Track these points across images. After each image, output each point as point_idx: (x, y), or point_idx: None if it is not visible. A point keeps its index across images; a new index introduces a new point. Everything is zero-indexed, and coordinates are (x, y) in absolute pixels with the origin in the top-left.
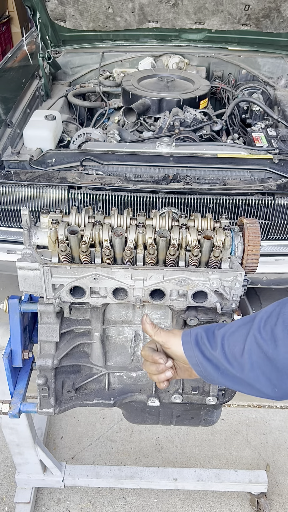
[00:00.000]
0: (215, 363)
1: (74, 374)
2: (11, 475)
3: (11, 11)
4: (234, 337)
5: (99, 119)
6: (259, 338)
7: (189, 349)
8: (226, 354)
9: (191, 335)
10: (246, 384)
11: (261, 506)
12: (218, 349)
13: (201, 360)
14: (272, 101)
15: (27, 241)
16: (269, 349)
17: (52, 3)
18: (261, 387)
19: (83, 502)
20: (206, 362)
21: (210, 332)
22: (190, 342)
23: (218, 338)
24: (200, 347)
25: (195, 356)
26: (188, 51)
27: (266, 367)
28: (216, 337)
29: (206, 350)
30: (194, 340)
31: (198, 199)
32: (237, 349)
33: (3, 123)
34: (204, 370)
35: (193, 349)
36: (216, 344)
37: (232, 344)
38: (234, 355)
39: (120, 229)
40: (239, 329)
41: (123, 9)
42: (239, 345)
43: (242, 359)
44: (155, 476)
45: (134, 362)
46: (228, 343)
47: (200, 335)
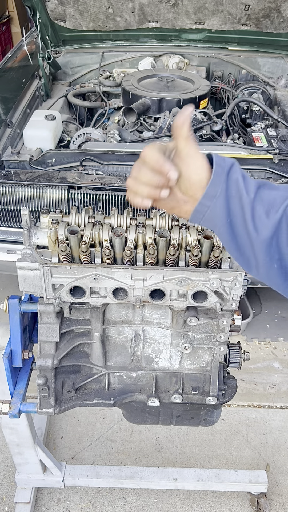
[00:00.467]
0: (232, 208)
1: (74, 374)
2: (11, 475)
3: (11, 11)
4: (271, 195)
5: (99, 119)
6: None
7: (220, 174)
8: (255, 208)
9: (226, 162)
10: (249, 248)
11: (261, 506)
12: (252, 195)
13: (223, 194)
14: (272, 101)
15: (27, 241)
16: None
17: (52, 3)
18: (264, 257)
19: (83, 502)
20: (224, 200)
21: (247, 175)
22: (222, 173)
23: (252, 187)
24: (230, 183)
25: (219, 189)
26: (188, 51)
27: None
28: (251, 184)
29: (235, 187)
30: (227, 169)
31: None
32: (265, 209)
33: (3, 123)
34: (211, 210)
35: (221, 181)
36: (250, 189)
37: (266, 199)
38: (260, 214)
39: (120, 229)
40: (278, 189)
41: (123, 9)
42: (273, 206)
43: (269, 222)
44: (155, 476)
45: (134, 362)
46: (261, 197)
47: (236, 169)
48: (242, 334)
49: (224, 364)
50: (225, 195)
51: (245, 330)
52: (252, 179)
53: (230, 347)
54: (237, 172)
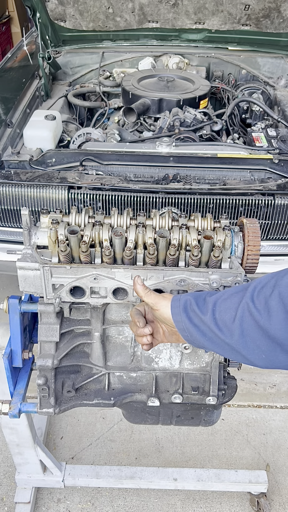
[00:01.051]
0: (202, 330)
1: (74, 374)
2: (11, 475)
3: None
4: (226, 304)
5: (99, 119)
6: (252, 307)
7: (177, 314)
8: (217, 320)
9: (181, 300)
10: (233, 350)
11: (261, 506)
12: (209, 315)
13: (188, 325)
14: (272, 101)
15: (27, 241)
16: (262, 318)
17: (52, 3)
18: (248, 353)
19: (83, 502)
20: (193, 328)
21: (201, 298)
22: (178, 307)
23: (209, 304)
24: (188, 313)
25: (182, 321)
26: (188, 51)
27: (257, 335)
28: (207, 303)
29: (195, 316)
30: (183, 306)
31: (198, 199)
32: (228, 316)
33: (3, 123)
34: (191, 336)
35: (180, 314)
36: (206, 310)
37: (223, 310)
38: (224, 322)
39: (120, 229)
40: (231, 297)
41: (123, 9)
42: (231, 312)
43: (232, 326)
44: (155, 476)
45: (134, 362)
46: (220, 309)
47: (190, 301)
48: None
49: (224, 364)
50: (189, 323)
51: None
52: (204, 299)
53: None
54: (191, 304)
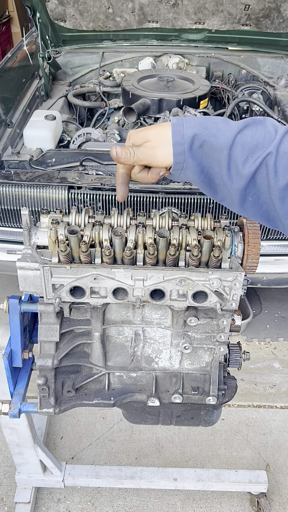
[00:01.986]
0: (203, 166)
1: (74, 374)
2: (11, 475)
3: (11, 11)
4: (247, 143)
5: (99, 119)
6: (272, 162)
7: (180, 154)
8: (231, 158)
9: (186, 135)
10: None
11: (261, 506)
12: (225, 151)
13: (190, 165)
14: (272, 101)
15: (27, 241)
16: (276, 178)
17: (52, 3)
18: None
19: (83, 502)
20: (195, 167)
21: (215, 127)
22: (183, 144)
23: (228, 138)
24: (194, 151)
25: (185, 161)
26: (188, 51)
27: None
28: (226, 136)
29: (202, 152)
30: (189, 143)
31: (198, 199)
32: (243, 158)
33: (3, 123)
34: (184, 174)
35: (185, 153)
36: (224, 142)
37: (241, 149)
38: (237, 163)
39: (120, 229)
40: (256, 137)
41: (123, 9)
42: (251, 155)
43: (245, 171)
44: (155, 476)
45: (134, 362)
46: (238, 147)
47: (198, 136)
48: (242, 334)
49: (224, 364)
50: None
51: (245, 330)
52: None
53: (230, 347)
54: (200, 138)
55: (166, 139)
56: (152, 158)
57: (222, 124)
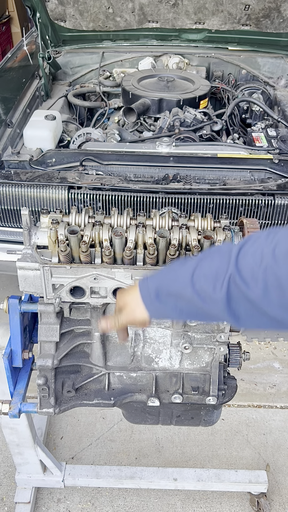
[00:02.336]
0: (179, 307)
1: (74, 374)
2: (11, 475)
3: (11, 11)
4: (207, 274)
5: (99, 119)
6: (238, 279)
7: (150, 304)
8: (198, 292)
9: (150, 289)
10: (215, 317)
11: (261, 506)
12: (188, 289)
13: (164, 310)
14: (272, 101)
15: (27, 241)
16: (249, 290)
17: (52, 3)
18: (234, 320)
19: (83, 502)
20: (170, 310)
21: (173, 274)
22: (149, 296)
23: (186, 278)
24: (162, 299)
25: (157, 309)
26: (188, 51)
27: (244, 306)
28: (184, 277)
29: (170, 298)
30: (154, 294)
31: (198, 199)
32: (211, 287)
33: (3, 123)
34: (165, 316)
35: (153, 303)
36: (184, 284)
37: (204, 281)
38: (207, 293)
39: (120, 229)
40: (213, 265)
41: (123, 9)
42: (216, 281)
43: (218, 295)
44: (155, 476)
45: (134, 362)
46: (199, 280)
47: (161, 286)
48: (242, 334)
49: (224, 364)
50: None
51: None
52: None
53: (230, 347)
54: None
55: (139, 299)
56: (132, 319)
57: (179, 269)
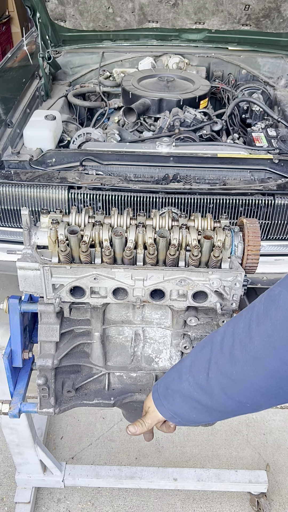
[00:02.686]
0: (187, 403)
1: (74, 374)
2: (11, 475)
3: (11, 11)
4: (196, 366)
5: (99, 119)
6: (221, 363)
7: (160, 406)
8: (193, 386)
9: (159, 390)
10: (219, 412)
11: (261, 506)
12: (184, 384)
13: (174, 409)
14: (272, 101)
15: (27, 241)
16: (233, 371)
17: (52, 3)
18: (233, 409)
19: (83, 502)
20: (180, 410)
21: (174, 372)
22: (159, 398)
23: (183, 375)
24: (169, 399)
25: (168, 410)
26: (188, 51)
27: (232, 389)
28: (181, 371)
29: (175, 395)
30: (163, 395)
31: (198, 199)
32: (201, 378)
33: (3, 123)
34: (181, 418)
35: (164, 404)
36: (180, 380)
37: (196, 373)
38: (200, 385)
39: (120, 229)
40: (199, 356)
41: (123, 9)
42: (202, 373)
43: (208, 387)
44: (155, 476)
45: (134, 362)
46: (192, 374)
47: (166, 386)
48: None
49: None
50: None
51: None
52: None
53: None
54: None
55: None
56: (156, 420)
57: (177, 365)
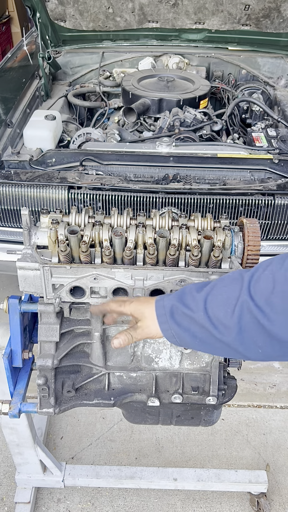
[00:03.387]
0: (192, 332)
1: (74, 374)
2: (11, 475)
3: (11, 11)
4: (218, 299)
5: (99, 119)
6: (252, 305)
7: (164, 322)
8: (210, 318)
9: (165, 306)
10: (228, 348)
11: (261, 506)
12: (201, 313)
13: (178, 331)
14: (272, 101)
15: (27, 241)
16: (264, 316)
17: (52, 3)
18: (245, 350)
19: (83, 502)
20: (184, 333)
21: (189, 296)
22: (164, 314)
23: (199, 302)
24: (176, 318)
25: (171, 328)
26: (188, 51)
27: (256, 332)
28: (197, 300)
29: (184, 319)
30: (169, 312)
31: (198, 199)
32: (223, 313)
33: (3, 123)
34: (180, 340)
35: (168, 321)
36: (197, 308)
37: (216, 306)
38: (219, 319)
39: (120, 229)
40: (224, 290)
41: (123, 9)
42: (226, 308)
43: (230, 323)
44: (155, 476)
45: (134, 362)
46: (212, 305)
47: (176, 306)
48: None
49: (224, 364)
50: (179, 329)
51: None
52: (193, 296)
53: None
54: (177, 308)
55: (154, 316)
56: (147, 335)
57: (195, 293)
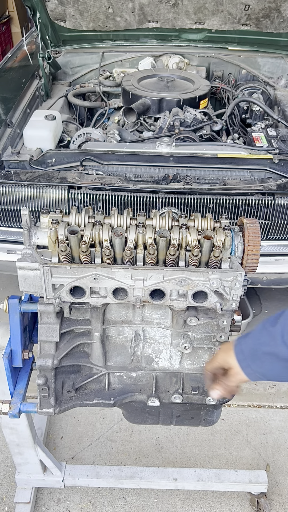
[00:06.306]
0: (277, 369)
1: (74, 374)
2: (11, 475)
3: (11, 11)
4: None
5: (99, 119)
6: None
7: (246, 367)
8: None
9: (244, 351)
10: None
11: (261, 506)
12: (281, 347)
13: (262, 371)
14: (272, 101)
15: (27, 241)
16: None
17: (52, 3)
18: None
19: (83, 502)
20: (269, 372)
21: (265, 332)
22: (245, 359)
23: (277, 336)
24: (257, 362)
25: (254, 372)
26: (188, 51)
27: None
28: (275, 335)
29: (266, 359)
30: (249, 358)
31: (198, 199)
32: None
33: (3, 123)
34: (267, 378)
35: (250, 366)
36: (275, 342)
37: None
38: None
39: (120, 229)
40: None
41: (123, 9)
42: None
43: None
44: (155, 476)
45: (134, 362)
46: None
47: (254, 349)
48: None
49: None
50: (264, 371)
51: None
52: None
53: None
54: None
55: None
56: (240, 381)
57: (270, 327)
